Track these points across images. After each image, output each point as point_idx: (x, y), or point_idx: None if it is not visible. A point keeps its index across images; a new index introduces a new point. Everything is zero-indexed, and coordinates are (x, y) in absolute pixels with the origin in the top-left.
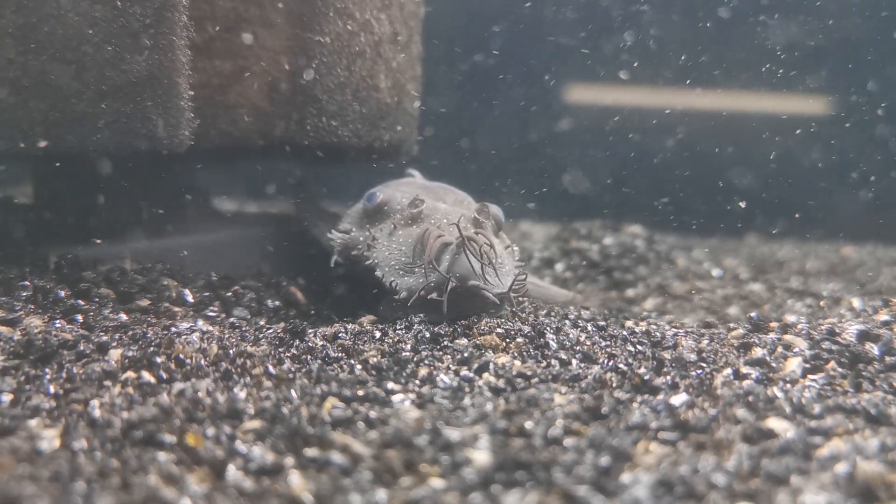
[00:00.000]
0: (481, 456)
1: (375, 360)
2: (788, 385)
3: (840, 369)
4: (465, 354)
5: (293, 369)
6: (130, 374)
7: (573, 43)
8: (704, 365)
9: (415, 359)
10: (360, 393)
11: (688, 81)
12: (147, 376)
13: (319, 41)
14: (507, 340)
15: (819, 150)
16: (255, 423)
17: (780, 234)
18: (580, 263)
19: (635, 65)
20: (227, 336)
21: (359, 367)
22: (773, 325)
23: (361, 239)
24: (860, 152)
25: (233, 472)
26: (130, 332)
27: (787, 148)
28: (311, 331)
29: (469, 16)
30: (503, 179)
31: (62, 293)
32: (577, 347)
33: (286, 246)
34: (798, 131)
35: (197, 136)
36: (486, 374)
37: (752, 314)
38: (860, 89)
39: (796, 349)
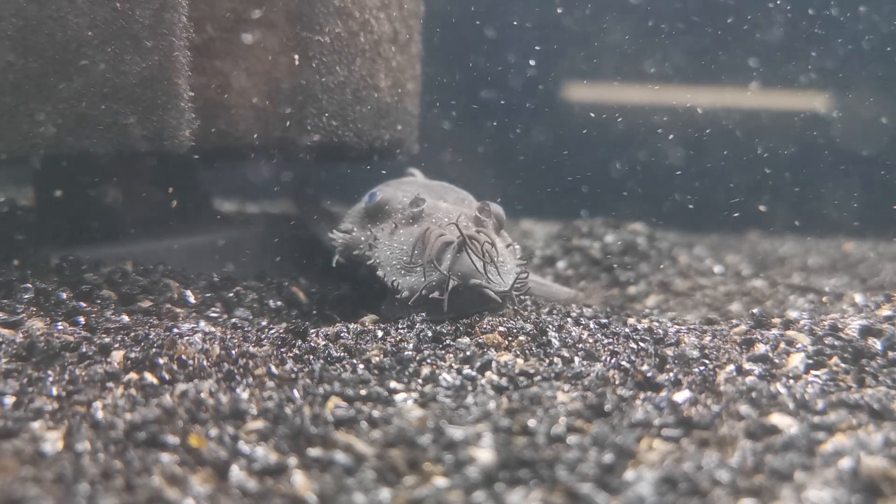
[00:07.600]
0: (485, 454)
1: (378, 359)
2: (791, 381)
3: (843, 365)
4: (468, 353)
5: (296, 369)
6: (133, 375)
7: (574, 41)
8: (707, 361)
9: (417, 358)
10: (363, 392)
11: (688, 78)
12: (150, 377)
13: (319, 41)
14: (510, 339)
15: (820, 146)
16: (258, 424)
17: (782, 230)
18: (582, 261)
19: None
20: (229, 337)
21: (361, 366)
22: (776, 321)
23: (363, 238)
24: (862, 149)
25: (236, 472)
26: (132, 334)
27: (788, 145)
28: (313, 331)
29: (469, 13)
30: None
31: (64, 295)
32: (580, 345)
33: (288, 246)
34: (800, 128)
35: (197, 136)
36: (488, 373)
37: (755, 310)
38: (861, 84)
39: (799, 345)
